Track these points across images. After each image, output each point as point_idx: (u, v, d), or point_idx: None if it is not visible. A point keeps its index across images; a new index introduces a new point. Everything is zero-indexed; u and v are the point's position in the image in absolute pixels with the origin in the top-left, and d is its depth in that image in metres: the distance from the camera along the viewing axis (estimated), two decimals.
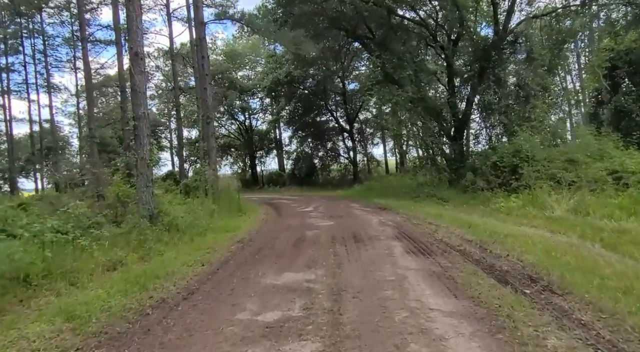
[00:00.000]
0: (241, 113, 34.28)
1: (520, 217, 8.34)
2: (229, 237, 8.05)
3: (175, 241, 7.48)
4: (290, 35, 13.16)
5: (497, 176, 12.48)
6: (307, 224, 9.33)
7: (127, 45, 8.76)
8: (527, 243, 5.38)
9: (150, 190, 8.43)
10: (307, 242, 6.99)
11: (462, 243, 5.95)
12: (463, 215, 9.27)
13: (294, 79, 25.34)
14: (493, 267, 4.50)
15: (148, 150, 8.52)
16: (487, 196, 11.82)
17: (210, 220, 10.20)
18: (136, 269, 5.35)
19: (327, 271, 4.84)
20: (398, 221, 9.00)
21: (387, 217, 9.98)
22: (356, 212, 11.68)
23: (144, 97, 8.53)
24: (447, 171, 15.51)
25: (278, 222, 10.43)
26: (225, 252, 6.57)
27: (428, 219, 8.94)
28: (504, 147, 12.70)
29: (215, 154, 13.36)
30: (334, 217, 10.47)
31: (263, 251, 6.41)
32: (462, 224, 7.63)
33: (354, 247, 6.24)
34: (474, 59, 15.18)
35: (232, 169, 37.45)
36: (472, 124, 17.82)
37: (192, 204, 12.57)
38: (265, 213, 12.75)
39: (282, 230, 8.78)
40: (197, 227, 8.85)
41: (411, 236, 6.86)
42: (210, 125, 13.31)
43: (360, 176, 28.08)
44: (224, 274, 5.04)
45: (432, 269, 4.57)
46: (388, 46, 14.91)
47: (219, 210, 11.75)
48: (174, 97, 22.21)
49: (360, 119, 31.39)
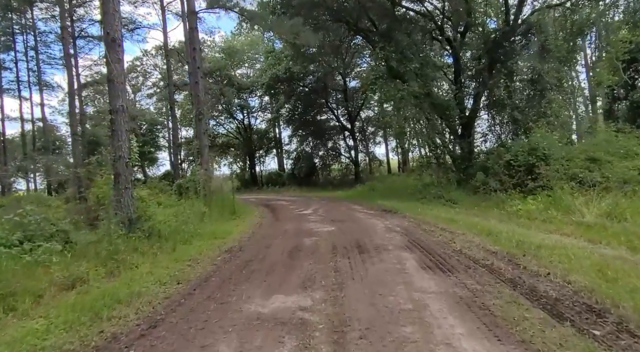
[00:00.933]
0: (240, 112, 33.40)
1: (545, 223, 7.41)
2: (217, 246, 7.14)
3: (155, 250, 6.57)
4: (287, 24, 12.23)
5: (511, 175, 11.56)
6: (306, 230, 8.41)
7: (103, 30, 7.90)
8: (567, 257, 4.46)
9: (130, 192, 7.53)
10: (304, 252, 6.07)
11: (486, 256, 5.03)
12: (478, 219, 8.34)
13: (293, 76, 24.42)
14: (535, 291, 3.58)
15: (127, 148, 7.63)
16: (501, 197, 10.90)
17: (199, 224, 9.30)
18: (97, 289, 4.45)
19: (326, 293, 3.93)
20: (406, 227, 8.08)
21: (394, 221, 9.06)
22: (359, 215, 10.76)
23: (122, 88, 7.63)
24: (455, 171, 14.57)
25: (274, 226, 9.52)
26: (208, 265, 5.66)
27: (440, 224, 8.02)
28: (518, 144, 11.76)
29: (208, 152, 12.46)
30: (335, 221, 9.55)
31: (252, 264, 5.50)
32: (480, 231, 6.71)
33: (359, 259, 5.32)
34: (484, 51, 14.24)
35: (230, 169, 36.65)
36: (479, 121, 16.92)
37: (183, 206, 11.72)
38: (260, 216, 11.84)
39: (277, 236, 7.86)
40: (184, 233, 7.96)
41: (424, 246, 5.93)
42: (202, 122, 12.41)
43: (362, 175, 27.15)
44: (200, 296, 4.13)
45: (458, 294, 3.65)
46: (392, 37, 13.98)
47: (210, 213, 10.86)
48: (169, 93, 21.32)
49: (361, 118, 30.47)
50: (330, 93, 28.46)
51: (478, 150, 16.07)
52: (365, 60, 26.68)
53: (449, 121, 15.63)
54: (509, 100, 13.13)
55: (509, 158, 11.67)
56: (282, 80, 24.82)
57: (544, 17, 13.75)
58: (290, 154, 32.39)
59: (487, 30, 14.50)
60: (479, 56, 14.66)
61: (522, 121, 13.01)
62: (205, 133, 12.31)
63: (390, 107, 29.59)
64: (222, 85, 27.64)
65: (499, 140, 14.90)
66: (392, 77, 15.13)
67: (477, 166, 13.70)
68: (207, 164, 12.23)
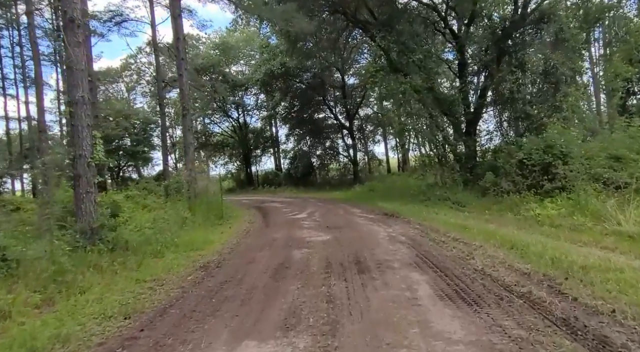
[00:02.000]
0: (235, 110, 32.31)
1: (574, 232, 6.39)
2: (192, 260, 6.10)
3: (117, 266, 5.53)
4: (279, 9, 11.19)
5: (524, 176, 10.54)
6: (297, 239, 7.37)
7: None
8: (629, 285, 3.44)
9: (92, 197, 6.49)
10: (292, 270, 5.04)
11: (519, 279, 4.00)
12: (494, 227, 7.32)
13: (289, 71, 23.32)
14: (606, 343, 2.55)
15: (90, 145, 6.58)
16: (514, 200, 9.88)
17: (178, 232, 8.26)
18: (17, 328, 3.41)
19: (314, 340, 2.89)
20: (412, 235, 7.04)
21: (397, 228, 8.03)
22: (358, 220, 9.72)
23: (83, 75, 6.58)
24: (461, 171, 13.54)
25: (262, 234, 8.47)
26: (174, 288, 4.62)
27: (451, 231, 6.99)
28: (531, 142, 10.73)
29: (194, 151, 11.39)
30: (331, 228, 8.52)
31: (226, 288, 4.46)
32: (501, 242, 5.68)
33: (358, 282, 4.29)
34: (492, 42, 13.21)
35: (226, 169, 35.59)
36: (484, 118, 15.88)
37: (165, 210, 10.70)
38: (250, 221, 10.80)
39: (264, 247, 6.82)
40: (157, 244, 6.92)
41: (437, 263, 4.90)
42: (187, 118, 11.34)
43: (361, 175, 26.10)
44: (145, 343, 3.09)
45: (497, 346, 2.61)
46: (393, 27, 12.92)
47: (194, 218, 9.82)
48: (158, 90, 20.24)
49: (360, 116, 29.42)
50: (328, 90, 27.39)
51: (484, 148, 15.06)
52: (364, 57, 25.68)
53: (454, 117, 14.62)
54: (520, 94, 12.09)
55: (522, 156, 10.64)
56: (277, 77, 23.72)
57: (556, 5, 12.74)
58: (287, 154, 31.34)
59: (495, 19, 13.47)
60: (486, 48, 13.63)
61: (535, 116, 11.98)
62: (190, 130, 11.26)
63: (390, 104, 28.61)
64: (215, 82, 26.53)
65: (507, 137, 13.88)
66: (393, 70, 14.09)
67: (485, 166, 12.68)
68: (192, 163, 11.19)
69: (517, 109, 12.61)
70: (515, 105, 12.76)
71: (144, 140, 33.25)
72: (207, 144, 35.54)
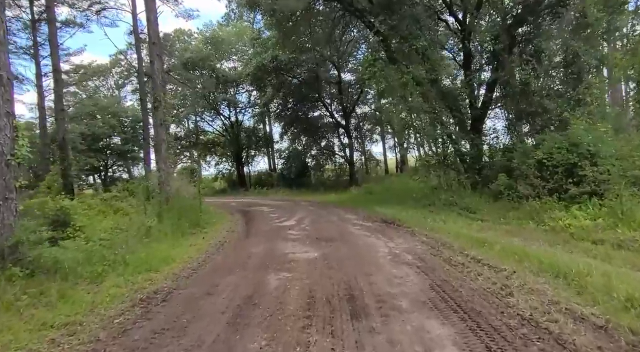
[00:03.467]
0: (227, 107, 30.82)
1: (625, 251, 5.03)
2: (135, 288, 4.68)
3: (28, 299, 4.11)
4: None
5: (544, 178, 9.20)
6: (278, 256, 5.96)
7: None
8: None
9: (12, 205, 5.05)
10: (261, 311, 3.62)
11: (597, 341, 2.61)
12: (519, 241, 5.95)
13: (281, 65, 21.88)
14: None
15: (10, 139, 5.14)
16: (534, 206, 8.53)
17: (136, 246, 6.82)
18: None
19: None
20: (420, 253, 5.65)
21: (400, 241, 6.63)
22: (353, 229, 8.32)
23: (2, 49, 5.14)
24: (469, 172, 12.18)
25: (238, 248, 7.05)
26: (83, 342, 3.20)
27: (467, 248, 5.61)
28: (552, 139, 9.37)
29: (167, 149, 9.95)
30: (321, 240, 7.11)
31: (156, 347, 3.05)
32: (539, 267, 4.30)
33: (351, 340, 2.89)
34: (503, 29, 11.83)
35: (216, 169, 34.08)
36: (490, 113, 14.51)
37: (131, 216, 9.31)
38: (229, 229, 9.36)
39: (235, 269, 5.41)
40: (100, 263, 5.51)
41: (463, 303, 3.50)
42: (160, 111, 9.90)
43: (357, 176, 24.70)
44: None
45: None
46: (394, 11, 11.51)
47: (161, 226, 8.38)
48: (139, 83, 18.77)
49: (357, 114, 28.02)
50: (324, 87, 25.94)
51: (492, 148, 13.69)
52: (361, 52, 24.26)
53: (460, 113, 13.27)
54: (537, 86, 10.73)
55: (541, 156, 9.30)
56: (269, 71, 22.24)
57: None
58: (282, 153, 29.83)
59: (506, 3, 12.12)
60: (496, 35, 12.25)
61: (554, 111, 10.61)
62: (163, 125, 9.82)
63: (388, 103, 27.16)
64: (203, 76, 25.09)
65: (519, 135, 12.51)
66: (393, 62, 12.71)
67: (496, 166, 11.32)
68: (165, 163, 9.75)
69: (533, 102, 11.24)
70: (531, 99, 11.40)
71: (132, 139, 31.69)
72: (197, 143, 34.07)
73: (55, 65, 11.65)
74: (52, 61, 11.92)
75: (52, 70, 11.79)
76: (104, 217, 11.53)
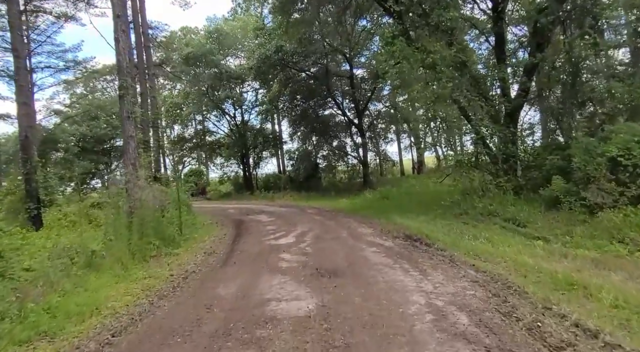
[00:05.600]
0: (232, 106, 28.97)
1: None
2: None
3: None
4: None
5: (620, 182, 6.97)
6: (253, 307, 3.90)
7: None
8: None
9: None
10: None
11: None
12: (624, 279, 3.77)
13: (286, 57, 19.87)
14: None
15: None
16: (612, 219, 6.33)
17: (64, 280, 4.87)
18: None
19: None
20: (479, 309, 3.50)
21: (441, 280, 4.48)
22: (370, 255, 6.19)
23: None
24: (510, 174, 9.91)
25: (203, 288, 4.97)
26: None
27: (552, 297, 3.46)
28: (631, 130, 7.12)
29: (135, 149, 8.00)
30: (323, 275, 5.01)
31: None
32: None
33: None
34: None
35: (222, 171, 32.22)
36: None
37: (82, 235, 7.46)
38: (208, 250, 7.32)
39: (178, 334, 3.37)
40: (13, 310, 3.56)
41: None
42: (126, 101, 7.96)
43: (372, 178, 22.51)
44: None
45: None
46: None
47: (116, 249, 6.40)
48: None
49: (371, 112, 25.84)
50: (334, 82, 23.82)
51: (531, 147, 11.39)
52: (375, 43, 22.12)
53: (494, 103, 11.03)
54: (601, 65, 8.45)
55: (616, 153, 7.06)
56: (273, 63, 20.24)
57: None
58: (292, 155, 27.75)
59: None
60: (543, 7, 9.96)
61: (622, 97, 8.31)
62: (130, 117, 7.85)
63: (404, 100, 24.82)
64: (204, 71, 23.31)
65: (574, 127, 10.19)
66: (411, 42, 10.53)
67: (547, 167, 9.06)
68: (133, 165, 7.84)
69: (593, 87, 8.97)
70: (588, 83, 9.12)
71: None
72: (203, 144, 32.41)
73: (16, 50, 9.93)
74: (12, 46, 10.22)
75: (13, 57, 10.08)
76: (70, 230, 9.75)
